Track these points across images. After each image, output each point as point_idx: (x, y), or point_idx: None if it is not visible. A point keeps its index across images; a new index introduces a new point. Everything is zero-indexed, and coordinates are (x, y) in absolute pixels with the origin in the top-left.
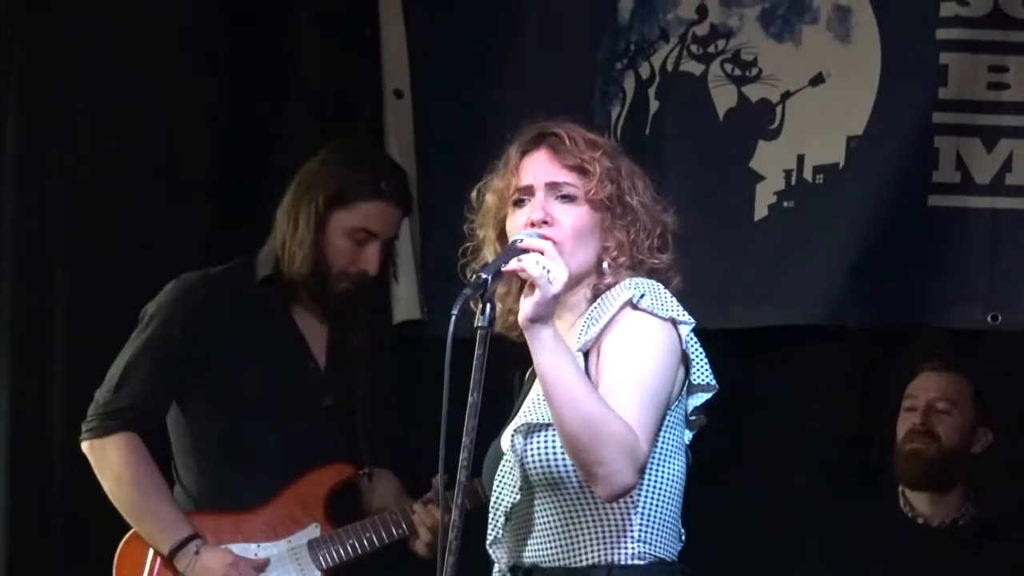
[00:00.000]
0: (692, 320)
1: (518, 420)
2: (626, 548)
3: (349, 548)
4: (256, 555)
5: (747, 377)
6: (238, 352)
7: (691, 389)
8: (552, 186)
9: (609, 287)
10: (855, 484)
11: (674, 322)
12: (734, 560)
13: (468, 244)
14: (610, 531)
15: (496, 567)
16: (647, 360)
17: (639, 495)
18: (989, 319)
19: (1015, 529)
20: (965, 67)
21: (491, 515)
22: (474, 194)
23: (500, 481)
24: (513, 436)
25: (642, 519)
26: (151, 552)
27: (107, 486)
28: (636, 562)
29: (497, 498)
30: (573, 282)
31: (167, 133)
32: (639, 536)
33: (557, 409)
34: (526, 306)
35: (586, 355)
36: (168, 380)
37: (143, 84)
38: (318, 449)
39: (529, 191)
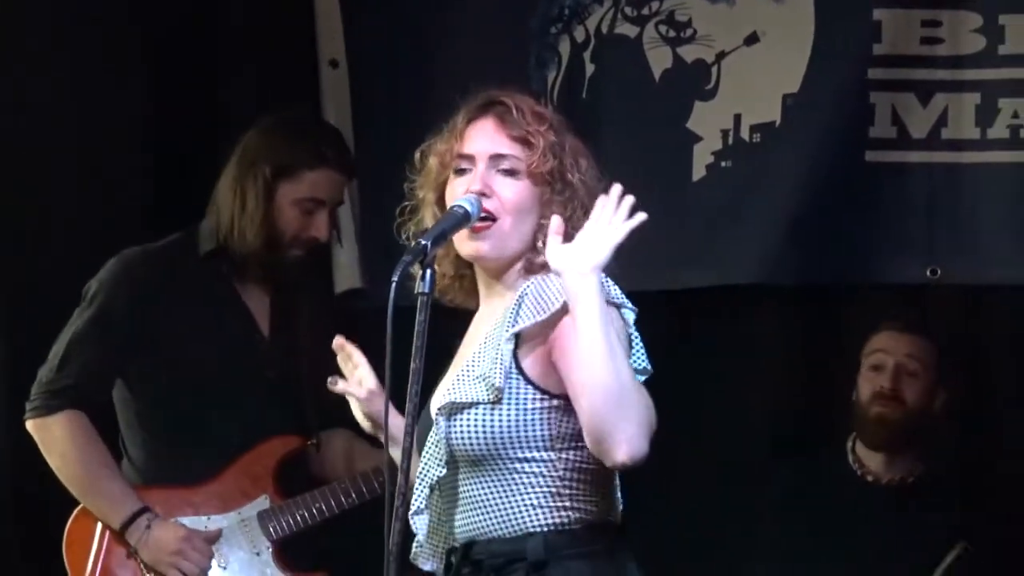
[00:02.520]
0: (635, 308)
1: (441, 396)
2: (562, 515)
3: (299, 519)
4: (207, 528)
5: (688, 338)
6: (183, 326)
7: None
8: (495, 158)
9: (544, 266)
10: (800, 443)
11: (618, 307)
12: (682, 523)
13: (406, 204)
14: (544, 499)
15: (416, 539)
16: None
17: (565, 460)
18: (928, 273)
19: (962, 483)
20: (898, 22)
21: (417, 485)
22: (417, 155)
23: (427, 453)
24: (436, 415)
25: (574, 487)
26: (99, 527)
27: (54, 464)
28: (574, 527)
29: (423, 469)
30: (512, 259)
31: (103, 108)
32: (572, 504)
33: (602, 362)
34: (595, 254)
35: (518, 337)
36: (112, 357)
37: (78, 59)
38: (266, 421)
39: (471, 160)
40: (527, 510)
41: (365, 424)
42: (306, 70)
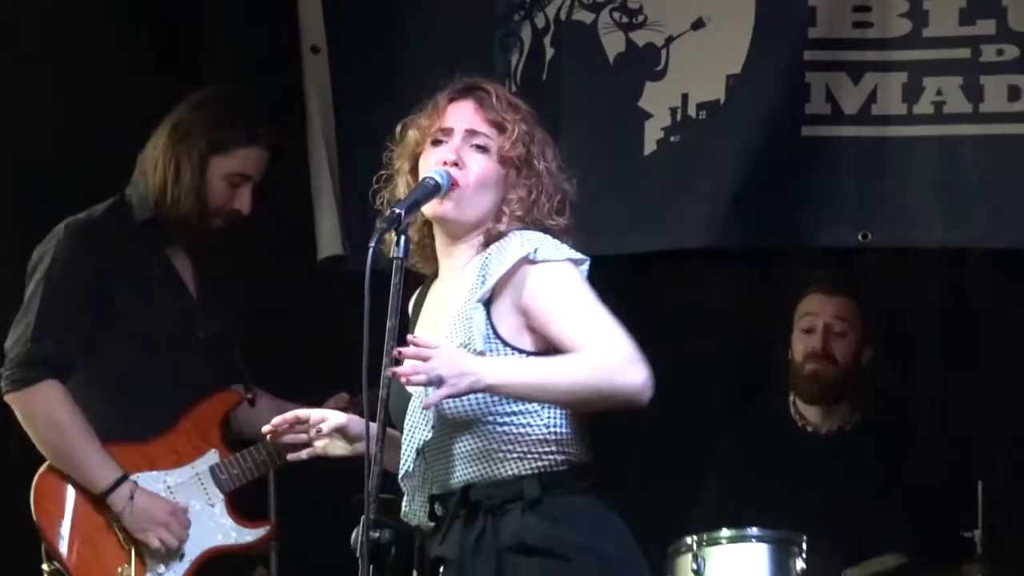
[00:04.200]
0: (586, 257)
1: None
2: (548, 458)
3: (247, 471)
4: (166, 482)
5: (644, 298)
6: (129, 289)
7: None
8: (470, 133)
9: (500, 235)
10: (746, 395)
11: (572, 261)
12: (637, 467)
13: (383, 172)
14: (532, 447)
15: (406, 498)
16: (581, 297)
17: (548, 411)
18: (860, 237)
19: (890, 431)
20: (832, 8)
21: (403, 450)
22: (399, 127)
23: (411, 418)
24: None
25: (558, 432)
26: (71, 489)
27: (35, 435)
28: (560, 469)
29: (409, 434)
30: (471, 227)
31: (103, 86)
32: (556, 449)
33: (552, 400)
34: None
35: (487, 304)
36: (80, 323)
37: (75, 42)
38: (201, 378)
39: (449, 133)
40: (518, 459)
41: (346, 448)
42: (291, 55)
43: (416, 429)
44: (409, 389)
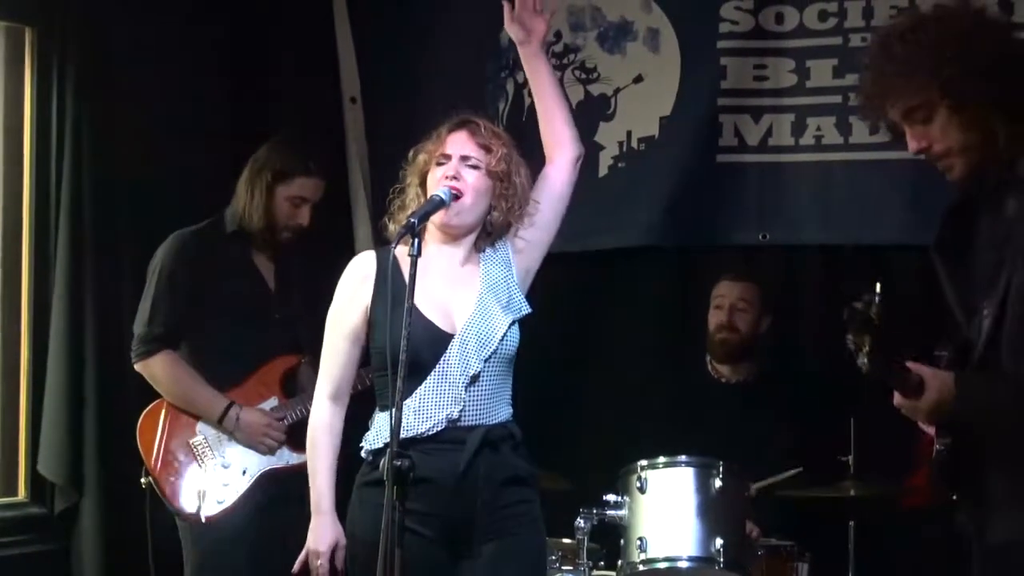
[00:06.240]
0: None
1: (491, 316)
2: (510, 409)
3: (299, 412)
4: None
5: (598, 284)
6: (220, 284)
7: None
8: (464, 157)
9: (489, 237)
10: (675, 357)
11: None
12: (594, 415)
13: (397, 185)
14: (510, 398)
15: (454, 413)
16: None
17: (512, 371)
18: (760, 237)
19: (780, 381)
20: (738, 66)
21: (457, 379)
22: (411, 153)
23: (463, 352)
24: (508, 327)
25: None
26: (162, 421)
27: (161, 389)
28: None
29: (463, 364)
30: (467, 230)
31: (194, 122)
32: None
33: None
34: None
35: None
36: (183, 306)
37: (174, 97)
38: (274, 346)
39: (448, 157)
40: (506, 403)
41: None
42: (336, 105)
43: (471, 360)
44: (445, 328)
